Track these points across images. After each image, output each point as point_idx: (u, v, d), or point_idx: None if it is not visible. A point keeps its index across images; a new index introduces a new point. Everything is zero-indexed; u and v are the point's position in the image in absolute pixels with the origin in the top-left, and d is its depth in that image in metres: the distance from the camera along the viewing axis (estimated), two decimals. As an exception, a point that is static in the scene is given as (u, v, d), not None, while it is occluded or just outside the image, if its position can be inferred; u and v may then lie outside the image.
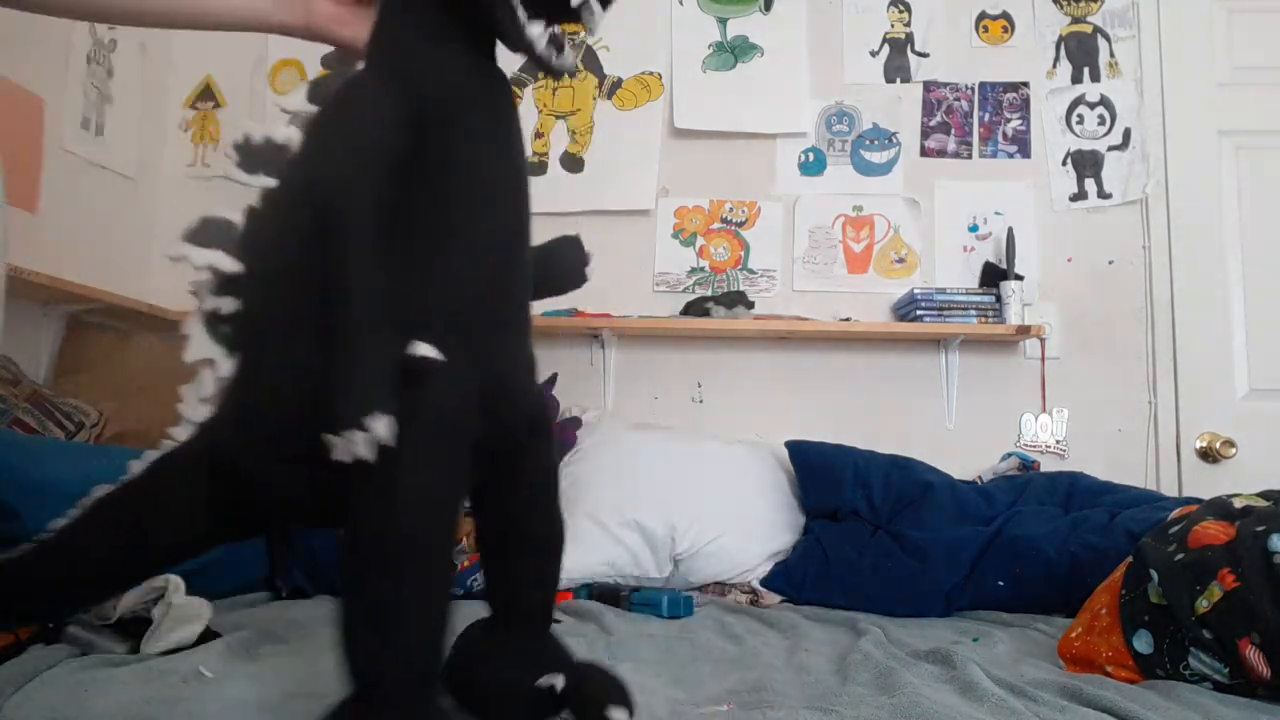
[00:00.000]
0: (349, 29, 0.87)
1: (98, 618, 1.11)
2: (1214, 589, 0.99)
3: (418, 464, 0.64)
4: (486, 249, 0.74)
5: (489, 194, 0.74)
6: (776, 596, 1.69)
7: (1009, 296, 2.02)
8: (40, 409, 1.61)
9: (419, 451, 0.63)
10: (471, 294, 0.72)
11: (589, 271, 0.91)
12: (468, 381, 0.69)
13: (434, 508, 0.65)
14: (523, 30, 0.70)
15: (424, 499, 0.64)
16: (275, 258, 0.74)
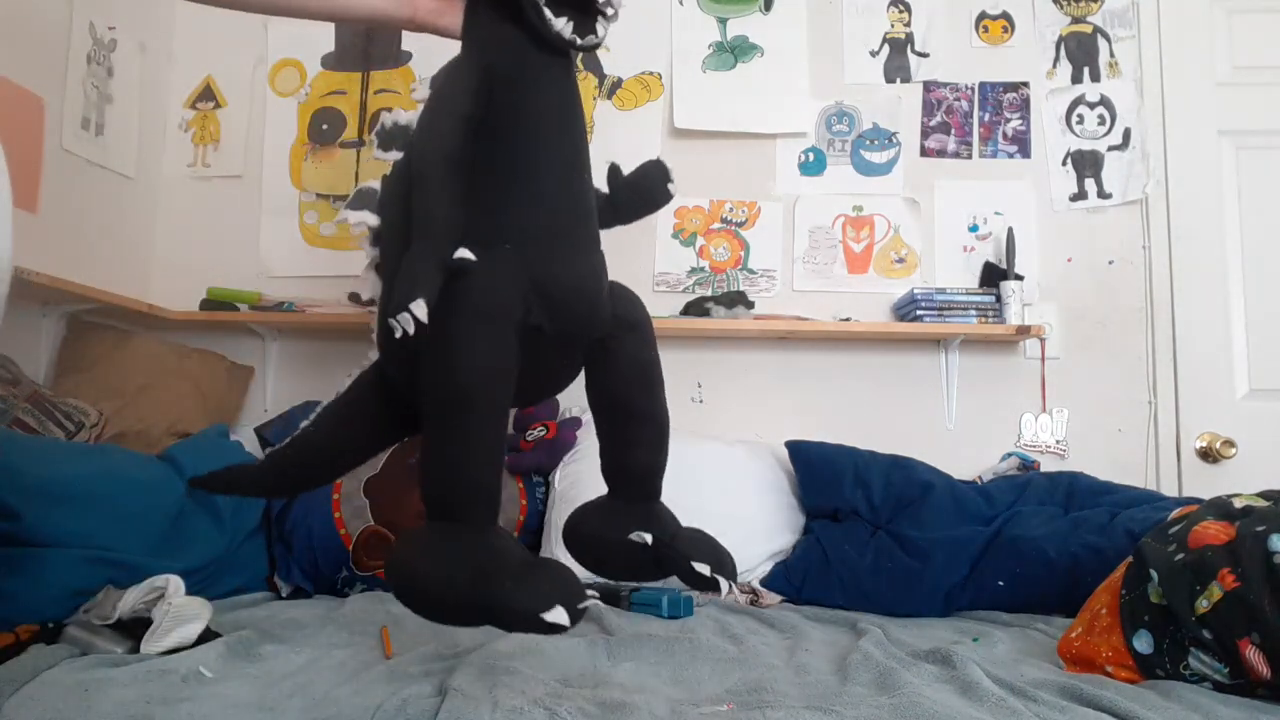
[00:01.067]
0: (444, 19, 1.02)
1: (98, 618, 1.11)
2: (1214, 589, 0.99)
3: (458, 337, 0.80)
4: (544, 178, 0.91)
5: (546, 137, 0.91)
6: (776, 596, 1.69)
7: (1009, 296, 2.02)
8: (40, 409, 1.61)
9: (459, 328, 0.80)
10: (529, 214, 0.89)
11: (671, 189, 1.07)
12: (512, 278, 0.85)
13: (476, 371, 0.80)
14: (548, 24, 0.88)
15: (467, 364, 0.80)
16: (395, 210, 0.92)
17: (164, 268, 2.28)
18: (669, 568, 0.91)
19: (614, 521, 0.93)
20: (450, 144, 0.84)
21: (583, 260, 0.93)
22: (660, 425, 0.98)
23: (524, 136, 0.90)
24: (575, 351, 0.96)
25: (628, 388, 0.96)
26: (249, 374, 2.19)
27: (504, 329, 0.83)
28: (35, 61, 1.84)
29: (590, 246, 0.95)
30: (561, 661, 1.08)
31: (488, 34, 0.93)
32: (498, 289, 0.84)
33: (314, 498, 1.67)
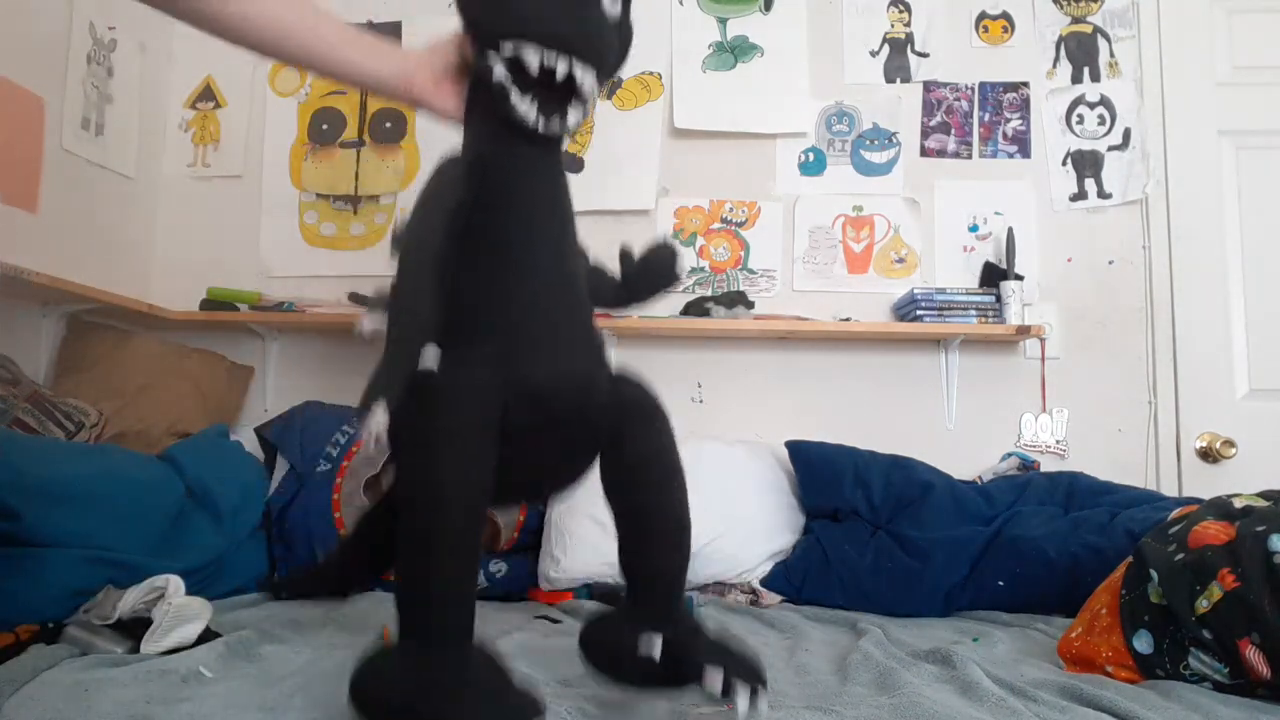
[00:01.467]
0: (439, 99, 1.03)
1: (98, 618, 1.11)
2: (1214, 589, 0.99)
3: (427, 447, 0.78)
4: (531, 270, 0.90)
5: (532, 228, 0.92)
6: (776, 596, 1.69)
7: (1009, 296, 2.02)
8: (40, 409, 1.61)
9: (428, 438, 0.78)
10: (514, 308, 0.89)
11: (681, 270, 1.09)
12: (488, 380, 0.83)
13: (446, 484, 0.78)
14: (512, 106, 0.89)
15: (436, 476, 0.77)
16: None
17: (164, 268, 2.28)
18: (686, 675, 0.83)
19: (628, 627, 0.86)
20: (433, 238, 0.85)
21: (571, 351, 0.92)
22: (677, 523, 0.92)
23: (510, 229, 0.91)
24: (577, 445, 0.93)
25: (639, 483, 0.91)
26: (249, 374, 2.19)
27: (476, 437, 0.81)
28: (35, 61, 1.84)
29: (579, 336, 0.94)
30: (561, 661, 1.08)
31: (480, 124, 0.96)
32: (470, 396, 0.81)
33: (314, 498, 1.67)
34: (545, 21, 0.88)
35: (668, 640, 0.83)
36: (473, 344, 0.85)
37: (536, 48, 0.87)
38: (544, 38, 0.88)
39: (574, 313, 0.95)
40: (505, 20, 0.89)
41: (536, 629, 1.31)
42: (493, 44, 0.90)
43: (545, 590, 1.66)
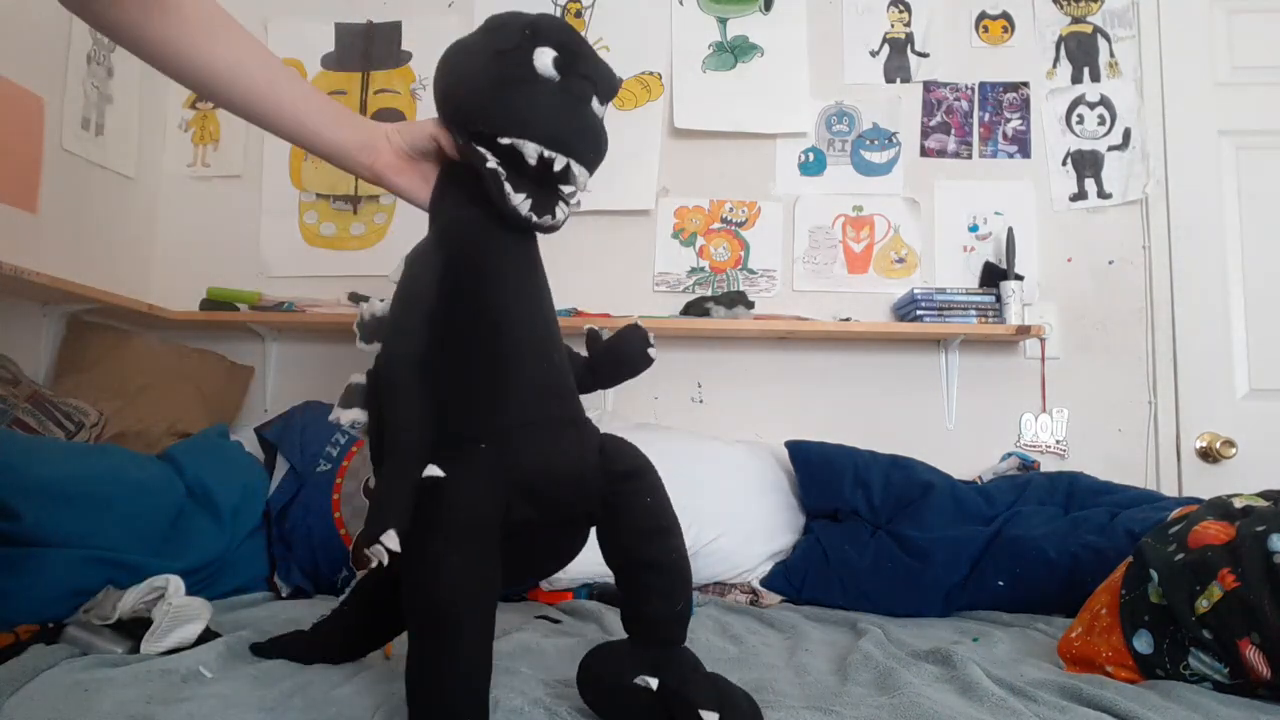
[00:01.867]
0: (402, 178, 1.01)
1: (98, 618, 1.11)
2: (1214, 589, 0.99)
3: (435, 556, 0.78)
4: (517, 365, 0.90)
5: (515, 321, 0.91)
6: (776, 596, 1.69)
7: (1009, 296, 2.02)
8: (40, 409, 1.61)
9: (435, 548, 0.78)
10: (504, 405, 0.88)
11: (652, 352, 1.06)
12: (489, 482, 0.83)
13: (456, 589, 0.78)
14: (507, 198, 0.88)
15: (446, 583, 0.78)
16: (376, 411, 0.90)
17: (164, 268, 2.28)
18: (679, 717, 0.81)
19: (626, 665, 0.87)
20: (415, 347, 0.84)
21: (565, 441, 0.90)
22: (675, 572, 0.91)
23: (493, 325, 0.89)
24: (574, 527, 0.94)
25: (635, 539, 0.91)
26: (249, 374, 2.19)
27: (482, 541, 0.81)
28: (35, 61, 1.84)
29: (570, 423, 0.93)
30: (561, 662, 1.08)
31: (452, 217, 0.94)
32: (473, 500, 0.81)
33: (314, 498, 1.67)
34: (545, 122, 0.88)
35: (664, 684, 0.83)
36: (469, 446, 0.84)
37: (536, 145, 0.87)
38: (543, 138, 0.88)
39: (564, 401, 0.94)
40: (503, 119, 0.88)
41: (537, 629, 1.31)
42: (487, 140, 0.89)
43: (545, 590, 1.66)
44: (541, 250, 1.00)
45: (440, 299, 0.86)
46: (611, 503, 0.91)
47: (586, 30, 2.30)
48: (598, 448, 0.93)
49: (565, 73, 0.90)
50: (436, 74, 0.97)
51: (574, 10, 2.30)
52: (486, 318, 0.89)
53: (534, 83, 0.89)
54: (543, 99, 0.89)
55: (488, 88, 0.89)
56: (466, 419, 0.87)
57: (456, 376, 0.87)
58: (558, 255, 2.14)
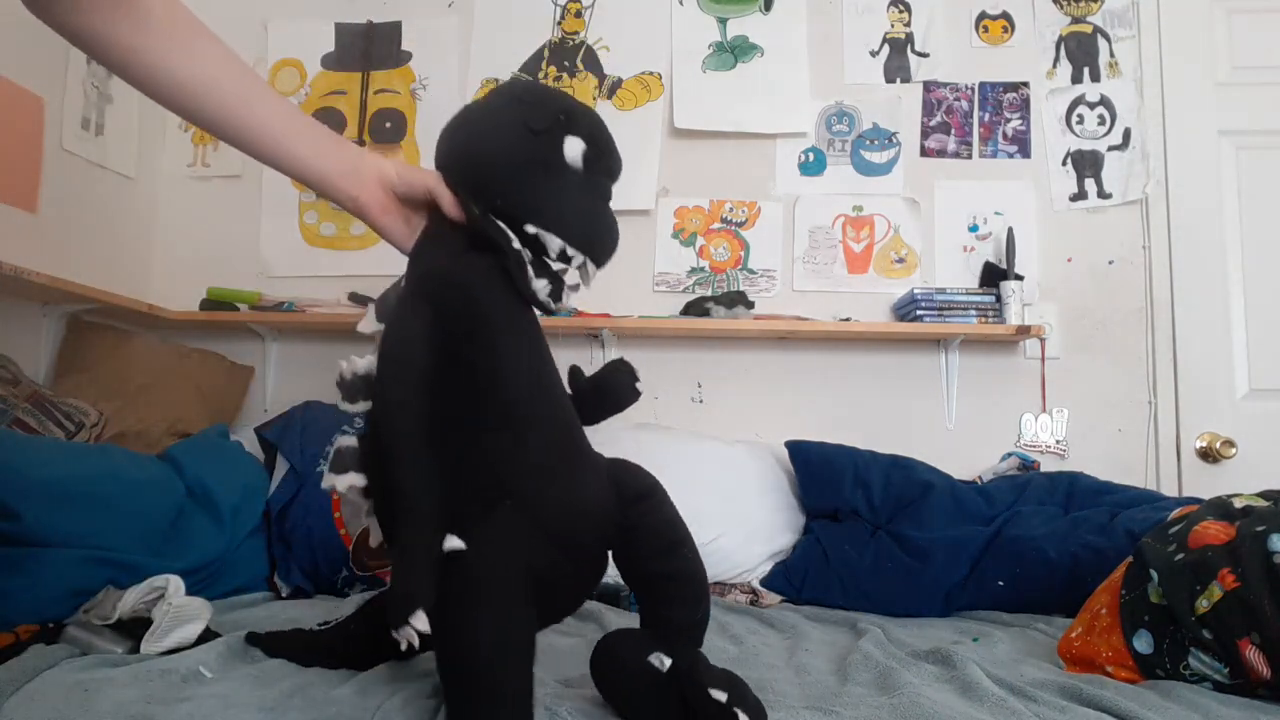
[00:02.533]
0: (387, 217, 0.95)
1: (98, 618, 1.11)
2: (1214, 589, 0.99)
3: (467, 626, 0.76)
4: (530, 417, 0.87)
5: (519, 370, 0.87)
6: (776, 596, 1.69)
7: (1009, 296, 2.02)
8: (40, 409, 1.61)
9: (466, 618, 0.76)
10: (522, 457, 0.85)
11: (640, 388, 1.03)
12: (515, 540, 0.82)
13: (492, 651, 0.76)
14: (528, 284, 0.87)
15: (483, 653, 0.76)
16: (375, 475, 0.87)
17: (164, 268, 2.28)
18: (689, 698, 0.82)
19: (641, 646, 0.87)
20: (416, 417, 0.80)
21: (581, 482, 0.90)
22: (694, 580, 0.93)
23: (497, 374, 0.86)
24: (596, 562, 0.93)
25: (654, 556, 0.92)
26: (249, 374, 2.19)
27: (514, 601, 0.80)
28: (35, 61, 1.84)
29: (584, 462, 0.92)
30: (561, 662, 1.08)
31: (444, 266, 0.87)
32: (501, 562, 0.80)
33: (314, 498, 1.67)
34: (573, 220, 0.88)
35: (677, 664, 0.84)
36: (487, 503, 0.82)
37: (561, 240, 0.87)
38: (570, 236, 0.87)
39: (576, 441, 0.92)
40: (531, 207, 0.87)
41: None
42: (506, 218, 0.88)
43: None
44: None
45: (434, 355, 0.82)
46: (627, 526, 0.91)
47: (586, 30, 2.30)
48: (609, 478, 0.93)
49: (590, 167, 0.89)
50: (454, 132, 0.93)
51: (574, 10, 2.30)
52: (489, 368, 0.85)
53: (563, 173, 0.88)
54: (573, 194, 0.88)
55: (517, 167, 0.87)
56: (481, 474, 0.84)
57: (464, 432, 0.84)
58: (558, 255, 2.16)
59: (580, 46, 2.29)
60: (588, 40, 2.29)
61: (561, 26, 2.30)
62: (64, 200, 1.93)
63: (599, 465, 0.94)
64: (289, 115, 0.92)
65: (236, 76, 0.89)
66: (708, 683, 0.81)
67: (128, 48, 0.84)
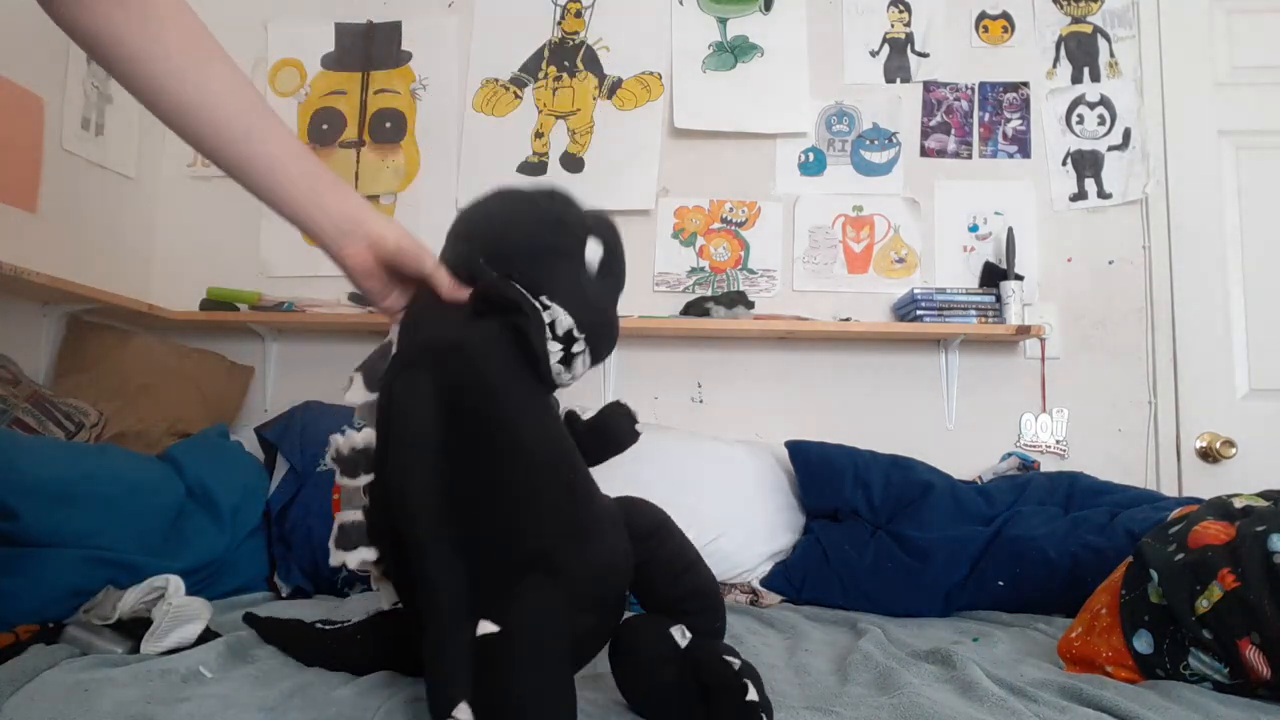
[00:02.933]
0: (369, 281, 0.92)
1: (98, 618, 1.11)
2: (1214, 589, 0.99)
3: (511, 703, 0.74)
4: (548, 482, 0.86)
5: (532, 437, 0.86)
6: (776, 596, 1.69)
7: (1009, 296, 2.02)
8: (40, 409, 1.61)
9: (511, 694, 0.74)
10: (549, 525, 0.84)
11: (639, 429, 1.04)
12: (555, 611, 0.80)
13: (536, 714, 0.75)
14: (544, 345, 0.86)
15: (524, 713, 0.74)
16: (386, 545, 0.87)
17: (164, 268, 2.28)
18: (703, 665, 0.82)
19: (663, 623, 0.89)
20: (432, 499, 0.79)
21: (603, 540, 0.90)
22: (710, 593, 0.97)
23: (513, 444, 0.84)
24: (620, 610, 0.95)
25: (671, 583, 0.96)
26: (249, 374, 2.19)
27: (561, 676, 0.79)
28: (35, 61, 1.84)
29: (603, 518, 0.92)
30: (561, 661, 1.08)
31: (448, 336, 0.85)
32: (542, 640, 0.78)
33: (314, 498, 1.67)
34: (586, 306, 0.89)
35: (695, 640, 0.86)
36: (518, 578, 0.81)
37: (570, 320, 0.87)
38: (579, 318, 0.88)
39: (593, 498, 0.92)
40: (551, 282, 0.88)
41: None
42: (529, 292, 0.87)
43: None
44: None
45: (443, 430, 0.81)
46: (641, 554, 0.94)
47: (586, 30, 2.30)
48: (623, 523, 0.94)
49: (603, 272, 0.93)
50: (486, 202, 0.95)
51: (574, 10, 2.30)
52: (502, 437, 0.84)
53: (582, 267, 0.91)
54: (590, 286, 0.91)
55: (546, 247, 0.90)
56: (507, 546, 0.83)
57: (484, 505, 0.82)
58: (558, 255, 2.16)
59: (580, 46, 2.29)
60: (588, 40, 2.29)
61: (561, 26, 2.30)
62: (64, 200, 1.93)
63: (614, 514, 0.94)
64: (293, 156, 0.87)
65: (245, 106, 0.85)
66: (723, 651, 0.83)
67: (134, 54, 0.81)
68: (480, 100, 2.29)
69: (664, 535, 0.97)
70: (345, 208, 0.89)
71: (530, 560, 0.82)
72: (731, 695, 0.78)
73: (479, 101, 2.29)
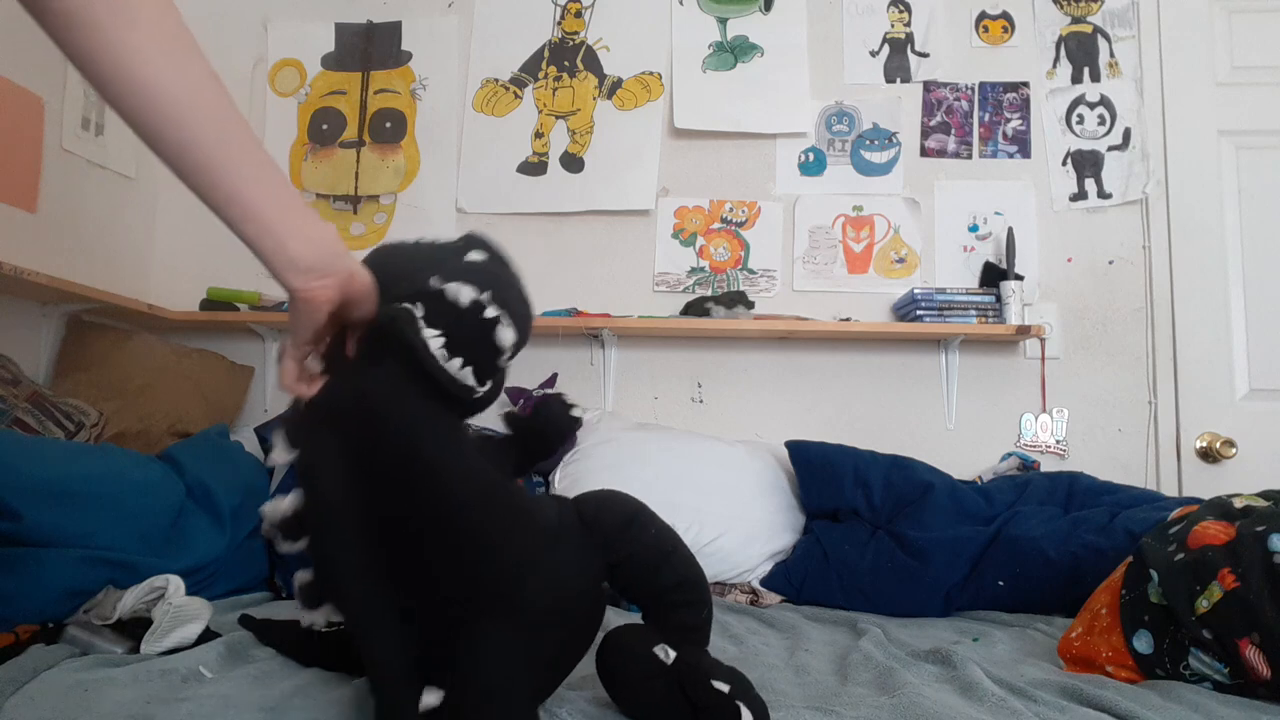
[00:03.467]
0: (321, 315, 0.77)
1: (98, 618, 1.11)
2: (1214, 589, 0.99)
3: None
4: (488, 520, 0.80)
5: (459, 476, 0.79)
6: (776, 596, 1.69)
7: (1009, 296, 2.02)
8: (40, 409, 1.61)
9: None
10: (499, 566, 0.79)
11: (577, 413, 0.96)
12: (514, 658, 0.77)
13: None
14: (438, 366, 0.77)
15: None
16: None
17: (164, 268, 2.28)
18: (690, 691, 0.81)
19: (646, 639, 0.86)
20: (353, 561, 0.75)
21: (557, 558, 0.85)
22: (692, 582, 0.92)
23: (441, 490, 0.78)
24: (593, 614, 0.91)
25: (652, 573, 0.91)
26: (249, 374, 2.19)
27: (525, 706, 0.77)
28: (35, 61, 1.84)
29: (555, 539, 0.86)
30: (561, 661, 1.08)
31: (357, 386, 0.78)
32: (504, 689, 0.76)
33: (314, 498, 1.67)
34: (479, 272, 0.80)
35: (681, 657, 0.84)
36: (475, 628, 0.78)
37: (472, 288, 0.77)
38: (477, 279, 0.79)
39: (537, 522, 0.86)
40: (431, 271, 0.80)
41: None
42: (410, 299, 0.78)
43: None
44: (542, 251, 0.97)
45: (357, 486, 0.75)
46: (617, 559, 0.90)
47: (586, 30, 2.30)
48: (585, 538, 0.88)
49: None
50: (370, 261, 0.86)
51: (574, 10, 2.30)
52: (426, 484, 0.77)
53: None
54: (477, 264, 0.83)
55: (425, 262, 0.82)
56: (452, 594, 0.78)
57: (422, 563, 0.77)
58: (558, 255, 2.16)
59: (580, 46, 2.29)
60: (588, 40, 2.29)
61: (561, 26, 2.30)
62: (64, 200, 1.93)
63: (567, 519, 0.89)
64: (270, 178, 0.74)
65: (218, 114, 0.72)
66: (711, 675, 0.81)
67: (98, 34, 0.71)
68: (480, 100, 2.29)
69: (639, 527, 0.91)
70: (328, 237, 0.77)
71: (486, 606, 0.78)
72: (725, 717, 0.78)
73: (479, 101, 2.29)
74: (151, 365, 1.94)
